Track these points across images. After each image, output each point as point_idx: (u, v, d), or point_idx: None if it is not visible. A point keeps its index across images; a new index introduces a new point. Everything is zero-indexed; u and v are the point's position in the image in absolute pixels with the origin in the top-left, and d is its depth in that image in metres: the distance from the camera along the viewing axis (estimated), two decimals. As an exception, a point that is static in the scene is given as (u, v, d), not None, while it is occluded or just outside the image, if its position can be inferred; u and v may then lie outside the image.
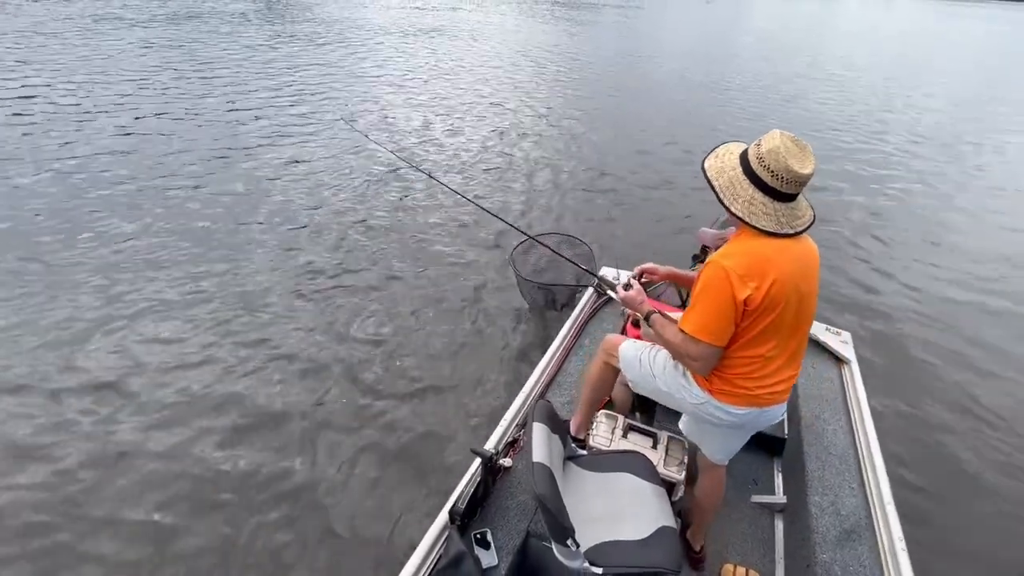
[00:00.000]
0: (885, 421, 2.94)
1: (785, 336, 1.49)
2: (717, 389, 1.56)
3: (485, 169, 6.22)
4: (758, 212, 1.40)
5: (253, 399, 2.88)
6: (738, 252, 1.42)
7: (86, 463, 2.49)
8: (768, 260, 1.39)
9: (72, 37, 11.25)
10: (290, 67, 10.28)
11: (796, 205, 1.42)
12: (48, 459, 2.49)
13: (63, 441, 2.58)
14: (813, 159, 1.38)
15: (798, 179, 1.36)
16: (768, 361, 1.50)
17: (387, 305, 3.70)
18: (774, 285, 1.39)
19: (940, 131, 9.82)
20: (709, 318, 1.43)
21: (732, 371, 1.52)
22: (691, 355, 1.50)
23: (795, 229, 1.42)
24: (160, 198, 4.92)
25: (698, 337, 1.45)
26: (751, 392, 1.52)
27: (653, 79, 12.82)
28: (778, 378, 1.53)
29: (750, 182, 1.40)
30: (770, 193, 1.39)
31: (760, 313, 1.41)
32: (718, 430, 1.66)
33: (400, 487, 2.48)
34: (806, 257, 1.47)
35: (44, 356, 3.04)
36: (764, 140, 1.39)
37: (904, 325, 4.05)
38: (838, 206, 6.21)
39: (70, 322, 3.31)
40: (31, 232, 4.24)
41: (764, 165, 1.37)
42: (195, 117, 7.06)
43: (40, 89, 7.67)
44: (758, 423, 1.62)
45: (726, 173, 1.45)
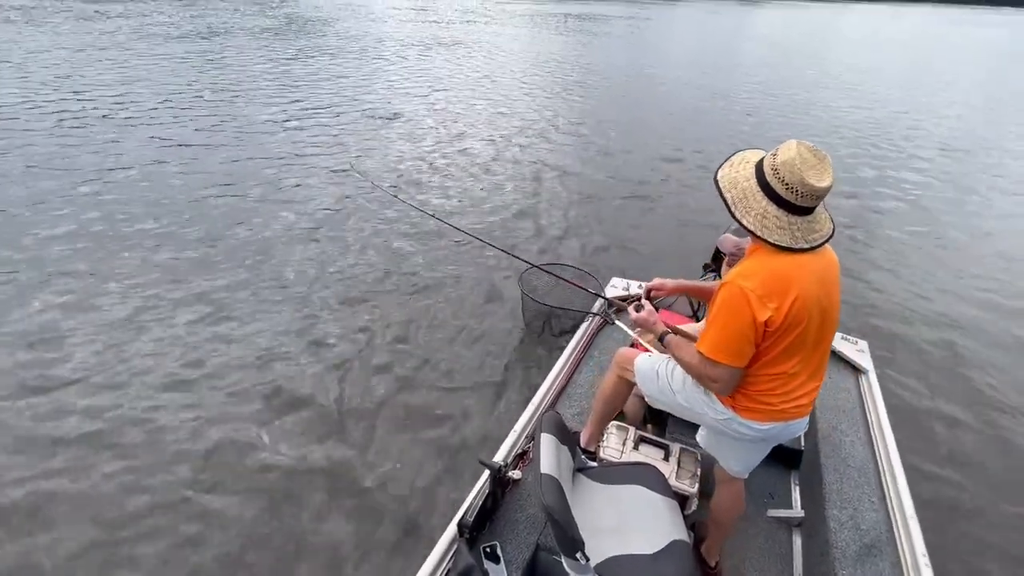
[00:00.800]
0: (904, 431, 2.84)
1: (808, 351, 1.44)
2: (741, 406, 1.51)
3: (497, 185, 6.27)
4: (771, 226, 1.33)
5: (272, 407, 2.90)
6: (757, 272, 1.36)
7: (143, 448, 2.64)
8: (788, 278, 1.34)
9: (111, 52, 11.96)
10: (310, 80, 10.70)
11: (813, 218, 1.36)
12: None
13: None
14: (831, 171, 1.31)
15: (814, 193, 1.29)
16: (792, 377, 1.46)
17: (393, 321, 3.71)
18: (795, 304, 1.33)
19: (957, 135, 9.72)
20: (728, 340, 1.39)
21: (755, 388, 1.48)
22: (710, 377, 1.46)
23: (811, 243, 1.34)
24: (209, 206, 5.12)
25: (717, 360, 1.41)
26: (775, 407, 1.48)
27: (667, 87, 12.97)
28: (802, 391, 1.49)
29: (764, 194, 1.34)
30: (784, 206, 1.32)
31: (782, 333, 1.37)
32: (739, 444, 1.62)
33: (408, 497, 2.46)
34: (826, 270, 1.41)
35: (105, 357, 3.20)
36: (780, 150, 1.33)
37: (922, 332, 3.96)
38: (852, 210, 6.15)
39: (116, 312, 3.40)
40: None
41: (779, 177, 1.31)
42: (233, 129, 7.32)
43: (82, 102, 8.15)
44: (781, 437, 1.58)
45: (739, 184, 1.39)
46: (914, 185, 7.09)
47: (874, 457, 2.18)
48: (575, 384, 2.50)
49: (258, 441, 2.71)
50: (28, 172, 5.71)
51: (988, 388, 3.41)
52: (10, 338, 3.32)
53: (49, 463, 2.55)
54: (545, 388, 2.38)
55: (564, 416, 2.27)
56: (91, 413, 2.83)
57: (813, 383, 1.52)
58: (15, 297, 3.69)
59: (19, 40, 12.73)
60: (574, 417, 2.31)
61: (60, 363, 3.14)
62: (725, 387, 1.47)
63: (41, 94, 8.49)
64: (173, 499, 2.42)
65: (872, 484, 2.07)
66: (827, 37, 31.66)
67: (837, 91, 13.46)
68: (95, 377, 3.07)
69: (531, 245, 4.89)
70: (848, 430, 2.32)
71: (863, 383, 2.59)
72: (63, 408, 2.85)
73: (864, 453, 2.20)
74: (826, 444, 2.23)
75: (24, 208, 4.93)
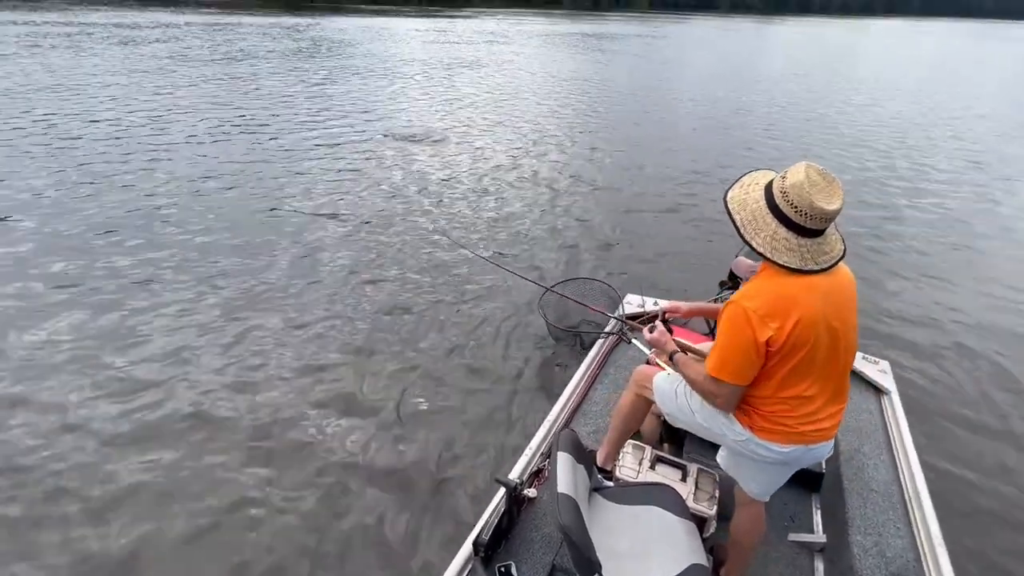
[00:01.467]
0: (930, 454, 2.77)
1: (821, 375, 1.43)
2: (758, 426, 1.50)
3: (519, 199, 6.33)
4: (780, 248, 1.34)
5: (291, 425, 2.94)
6: (760, 292, 1.38)
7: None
8: (792, 299, 1.35)
9: (152, 76, 12.66)
10: (340, 99, 11.22)
11: (824, 240, 1.36)
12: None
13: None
14: (841, 194, 1.31)
15: (823, 215, 1.30)
16: (806, 400, 1.45)
17: (406, 336, 3.74)
18: (798, 325, 1.34)
19: (980, 151, 9.55)
20: (729, 358, 1.41)
21: (769, 408, 1.47)
22: (712, 393, 1.49)
23: (821, 265, 1.35)
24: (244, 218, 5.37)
25: (718, 377, 1.43)
26: (794, 430, 1.47)
27: (688, 103, 13.14)
28: (823, 415, 1.48)
29: (773, 216, 1.35)
30: (794, 229, 1.33)
31: (786, 353, 1.37)
32: (760, 466, 1.60)
33: (423, 514, 2.45)
34: (838, 291, 1.41)
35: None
36: (789, 173, 1.34)
37: (946, 350, 3.86)
38: (873, 224, 6.07)
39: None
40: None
41: (788, 200, 1.32)
42: (269, 147, 7.63)
43: (130, 120, 8.70)
44: (803, 460, 1.56)
45: (749, 206, 1.40)
46: (936, 201, 6.97)
47: (898, 481, 2.13)
48: (590, 401, 2.49)
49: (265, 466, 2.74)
50: (93, 189, 6.01)
51: (1018, 408, 3.30)
52: (99, 342, 3.53)
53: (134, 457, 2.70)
54: (560, 405, 2.38)
55: (580, 434, 2.26)
56: (168, 406, 3.01)
57: (834, 407, 1.50)
58: (97, 305, 3.93)
59: (67, 65, 13.50)
60: (590, 435, 2.30)
61: (140, 364, 3.34)
62: (727, 403, 1.49)
63: (95, 113, 9.05)
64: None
65: (897, 509, 2.01)
66: (847, 52, 31.61)
67: (858, 105, 13.38)
68: (171, 374, 3.27)
69: (553, 257, 4.95)
70: (871, 453, 2.26)
71: (885, 404, 2.54)
72: (139, 404, 3.03)
73: (888, 476, 2.15)
74: (848, 467, 2.18)
75: (92, 227, 5.15)
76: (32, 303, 3.93)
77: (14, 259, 4.49)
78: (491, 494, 1.84)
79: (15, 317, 3.75)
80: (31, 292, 4.07)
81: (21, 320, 3.72)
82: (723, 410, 1.54)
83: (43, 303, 3.93)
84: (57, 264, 4.44)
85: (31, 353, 3.40)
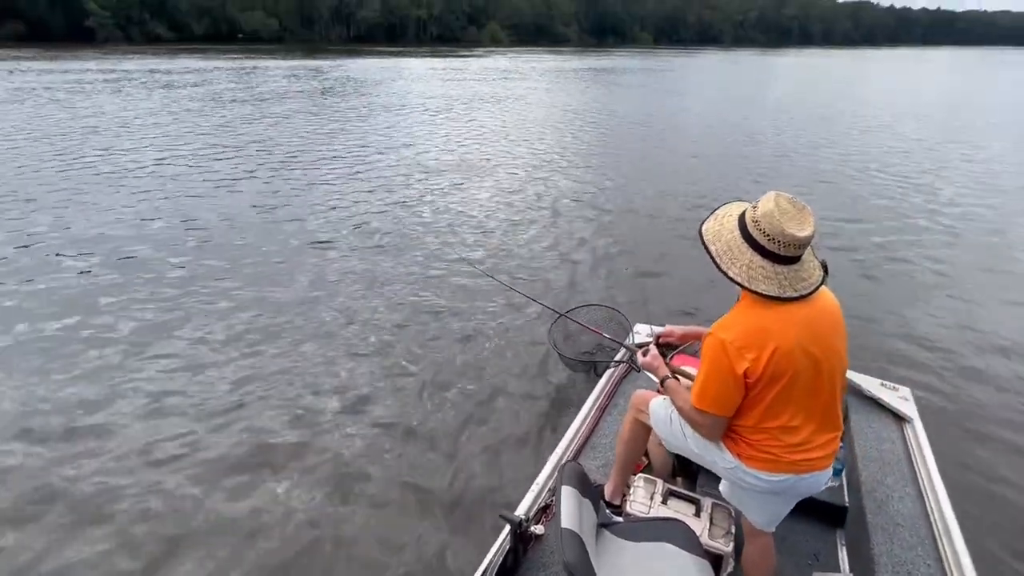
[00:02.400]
0: (958, 486, 2.63)
1: (804, 404, 1.42)
2: (746, 455, 1.50)
3: (534, 229, 6.39)
4: (757, 276, 1.35)
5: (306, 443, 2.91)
6: (736, 323, 1.40)
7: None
8: (766, 330, 1.35)
9: (194, 114, 13.65)
10: (367, 133, 11.94)
11: (800, 267, 1.37)
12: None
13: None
14: (812, 221, 1.34)
15: (796, 242, 1.32)
16: (792, 430, 1.44)
17: (417, 360, 3.73)
18: (775, 354, 1.34)
19: (996, 174, 9.45)
20: (709, 389, 1.43)
21: (755, 437, 1.47)
22: (696, 422, 1.52)
23: (800, 292, 1.35)
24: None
25: (702, 408, 1.46)
26: (782, 459, 1.46)
27: (698, 133, 13.40)
28: (812, 444, 1.46)
29: (748, 246, 1.37)
30: (769, 257, 1.35)
31: (765, 384, 1.38)
32: (756, 495, 1.57)
33: (424, 552, 2.37)
34: (819, 319, 1.40)
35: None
36: (760, 202, 1.37)
37: (970, 374, 3.72)
38: (886, 245, 6.00)
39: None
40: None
41: (760, 229, 1.34)
42: (296, 179, 7.96)
43: (174, 157, 9.34)
44: (798, 490, 1.53)
45: (723, 236, 1.42)
46: (953, 220, 6.88)
47: (926, 515, 2.02)
48: (600, 433, 2.43)
49: (277, 490, 2.70)
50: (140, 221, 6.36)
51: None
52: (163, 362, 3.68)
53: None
54: (568, 438, 2.32)
55: (588, 468, 2.20)
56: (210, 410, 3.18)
57: (825, 436, 1.48)
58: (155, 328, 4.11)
59: (119, 107, 14.57)
60: (598, 469, 2.24)
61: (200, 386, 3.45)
62: (710, 433, 1.52)
63: (140, 152, 9.71)
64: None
65: (927, 546, 1.91)
66: (854, 81, 31.99)
67: (865, 131, 13.42)
68: (209, 379, 3.46)
69: (565, 284, 4.97)
70: (895, 485, 2.16)
71: (908, 433, 2.44)
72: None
73: (915, 510, 2.04)
74: (871, 500, 2.08)
75: (147, 251, 5.51)
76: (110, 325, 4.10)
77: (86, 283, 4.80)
78: (496, 531, 1.79)
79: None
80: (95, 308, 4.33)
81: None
82: (709, 439, 1.56)
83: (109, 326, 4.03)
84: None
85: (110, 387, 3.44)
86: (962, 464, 2.89)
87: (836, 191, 8.17)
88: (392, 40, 68.71)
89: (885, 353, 3.94)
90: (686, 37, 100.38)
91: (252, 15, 59.37)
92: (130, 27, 52.85)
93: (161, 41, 52.91)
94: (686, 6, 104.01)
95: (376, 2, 69.11)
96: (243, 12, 59.21)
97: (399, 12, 71.20)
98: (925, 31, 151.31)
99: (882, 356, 3.88)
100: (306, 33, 64.41)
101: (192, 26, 56.48)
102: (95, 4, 49.07)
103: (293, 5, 63.28)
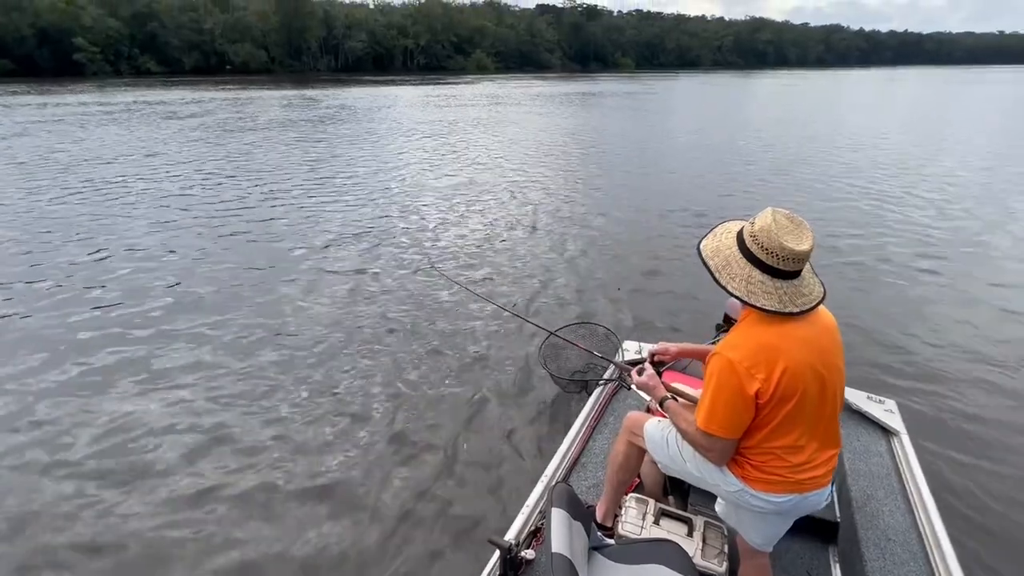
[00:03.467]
0: (947, 498, 2.64)
1: (811, 422, 1.41)
2: (752, 478, 1.47)
3: (513, 255, 6.43)
4: (757, 291, 1.35)
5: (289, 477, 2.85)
6: (743, 343, 1.37)
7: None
8: (775, 348, 1.34)
9: (197, 143, 14.17)
10: (361, 157, 12.25)
11: (800, 282, 1.37)
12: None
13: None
14: (809, 235, 1.35)
15: (794, 256, 1.33)
16: (799, 450, 1.42)
17: (405, 380, 3.71)
18: (785, 375, 1.33)
19: (972, 188, 9.73)
20: (719, 411, 1.39)
21: (761, 459, 1.45)
22: (704, 446, 1.47)
23: (800, 307, 1.35)
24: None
25: (710, 431, 1.41)
26: (788, 479, 1.44)
27: (680, 153, 13.77)
28: (816, 462, 1.45)
29: (747, 260, 1.38)
30: (768, 271, 1.35)
31: (775, 404, 1.36)
32: (757, 516, 1.54)
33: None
34: (821, 336, 1.40)
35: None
36: (757, 218, 1.39)
37: (955, 386, 3.76)
38: (865, 258, 6.11)
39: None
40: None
41: (759, 243, 1.35)
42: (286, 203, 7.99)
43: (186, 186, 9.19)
44: (800, 509, 1.51)
45: (722, 252, 1.43)
46: (936, 237, 7.04)
47: (916, 528, 2.02)
48: (590, 453, 2.42)
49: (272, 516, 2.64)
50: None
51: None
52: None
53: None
54: (558, 459, 2.30)
55: (579, 488, 2.18)
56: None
57: (827, 452, 1.47)
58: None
59: (134, 137, 15.01)
60: (589, 490, 2.21)
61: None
62: (719, 457, 1.47)
63: (143, 180, 9.94)
64: None
65: (919, 560, 1.90)
66: (834, 100, 33.07)
67: (847, 149, 13.79)
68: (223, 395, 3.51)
69: (554, 303, 5.01)
70: (885, 499, 2.16)
71: (896, 446, 2.45)
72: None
73: (905, 523, 2.04)
74: (862, 515, 2.08)
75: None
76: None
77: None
78: (486, 557, 1.76)
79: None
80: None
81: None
82: (716, 464, 1.50)
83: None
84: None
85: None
86: (950, 475, 2.90)
87: (817, 205, 8.37)
88: (380, 70, 69.88)
89: (870, 366, 3.98)
90: (666, 62, 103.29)
91: (241, 47, 60.15)
92: (120, 62, 53.29)
93: (151, 74, 53.35)
94: (664, 33, 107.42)
95: (363, 33, 70.53)
96: (233, 44, 60.04)
97: (387, 43, 72.65)
98: (894, 53, 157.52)
99: (867, 369, 3.92)
100: (295, 64, 65.31)
101: (182, 60, 57.11)
102: (83, 39, 49.48)
103: (282, 37, 64.29)
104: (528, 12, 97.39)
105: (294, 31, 64.46)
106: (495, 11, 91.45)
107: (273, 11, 63.58)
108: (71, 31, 49.01)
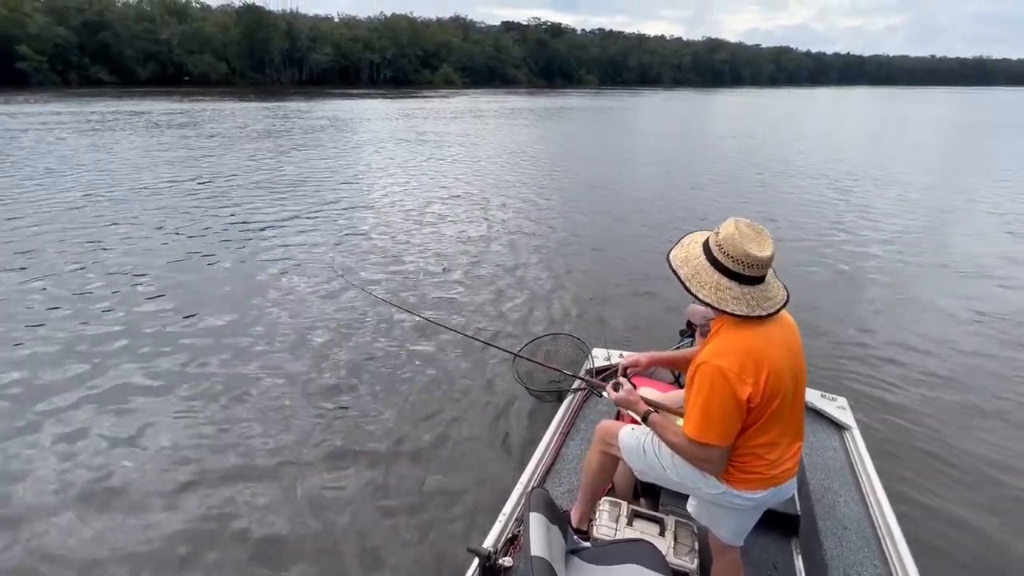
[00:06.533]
0: (897, 487, 2.80)
1: (786, 418, 1.49)
2: (735, 479, 1.53)
3: (474, 275, 6.45)
4: (726, 297, 1.41)
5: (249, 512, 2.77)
6: (729, 349, 1.41)
7: None
8: (759, 352, 1.40)
9: (181, 151, 14.21)
10: (330, 172, 11.83)
11: (766, 287, 1.44)
12: None
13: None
14: (770, 242, 1.43)
15: (758, 262, 1.40)
16: (775, 446, 1.50)
17: (371, 408, 3.66)
18: (770, 377, 1.39)
19: (920, 196, 10.37)
20: (713, 420, 1.41)
21: (743, 460, 1.50)
22: (699, 458, 1.48)
23: (767, 311, 1.41)
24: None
25: (706, 441, 1.43)
26: (765, 475, 1.51)
27: (642, 166, 14.22)
28: (788, 455, 1.53)
29: (715, 268, 1.44)
30: (735, 278, 1.41)
31: (763, 406, 1.42)
32: (733, 513, 1.61)
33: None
34: (790, 337, 1.49)
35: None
36: (721, 228, 1.45)
37: (902, 381, 4.00)
38: (817, 259, 6.43)
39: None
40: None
41: (724, 252, 1.42)
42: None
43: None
44: (772, 501, 1.59)
45: (691, 262, 1.48)
46: (886, 239, 7.46)
47: (870, 517, 2.15)
48: (563, 459, 2.46)
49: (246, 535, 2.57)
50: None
51: (980, 432, 3.40)
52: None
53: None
54: (533, 466, 2.34)
55: (554, 494, 2.22)
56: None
57: (796, 444, 1.56)
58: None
59: (125, 146, 14.96)
60: (564, 495, 2.26)
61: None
62: (716, 467, 1.50)
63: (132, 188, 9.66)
64: None
65: (872, 547, 2.02)
66: (791, 116, 34.84)
67: (807, 157, 14.53)
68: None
69: (522, 317, 5.02)
70: (841, 490, 2.29)
71: (848, 440, 2.60)
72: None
73: (859, 513, 2.17)
74: (820, 506, 2.20)
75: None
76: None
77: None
78: (465, 565, 1.77)
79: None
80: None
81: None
82: (712, 473, 1.53)
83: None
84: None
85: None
86: (900, 466, 3.09)
87: (767, 210, 8.79)
88: (347, 83, 69.32)
89: (822, 364, 4.20)
90: (629, 79, 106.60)
91: (200, 58, 58.65)
92: (69, 71, 51.06)
93: (103, 84, 51.32)
94: (627, 51, 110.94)
95: (328, 46, 69.96)
96: (191, 55, 58.46)
97: (353, 56, 72.27)
98: (839, 73, 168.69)
99: (820, 369, 4.13)
100: (257, 76, 64.05)
101: (136, 70, 55.17)
102: (28, 48, 47.25)
103: (243, 48, 63.09)
104: (494, 29, 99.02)
105: (256, 42, 63.35)
106: (461, 27, 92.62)
107: (234, 22, 62.44)
108: (15, 39, 46.78)
